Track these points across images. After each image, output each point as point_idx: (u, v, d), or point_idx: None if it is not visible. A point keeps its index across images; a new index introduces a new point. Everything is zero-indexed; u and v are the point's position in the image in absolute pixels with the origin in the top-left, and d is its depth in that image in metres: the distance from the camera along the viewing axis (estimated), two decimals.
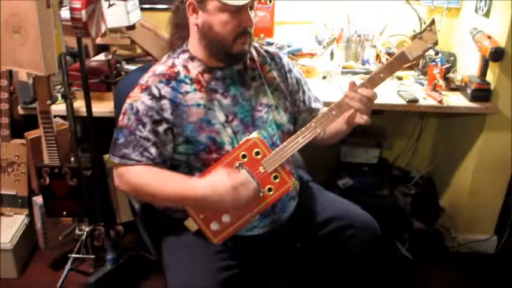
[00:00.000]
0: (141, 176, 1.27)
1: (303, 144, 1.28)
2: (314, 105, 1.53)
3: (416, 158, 2.68)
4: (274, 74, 1.42)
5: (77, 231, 2.05)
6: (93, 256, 2.06)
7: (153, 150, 1.27)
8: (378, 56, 2.36)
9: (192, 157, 1.31)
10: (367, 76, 1.27)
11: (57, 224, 2.22)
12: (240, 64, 1.35)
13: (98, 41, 2.13)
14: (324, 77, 2.24)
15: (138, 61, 2.24)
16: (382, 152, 2.49)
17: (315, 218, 1.48)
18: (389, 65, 1.25)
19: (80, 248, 2.03)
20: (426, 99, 2.02)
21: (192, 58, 1.32)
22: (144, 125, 1.26)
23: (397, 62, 1.25)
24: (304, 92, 1.50)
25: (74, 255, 2.02)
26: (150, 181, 1.27)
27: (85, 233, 2.01)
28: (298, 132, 1.28)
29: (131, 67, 2.11)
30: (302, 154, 1.79)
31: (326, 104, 1.50)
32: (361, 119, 1.28)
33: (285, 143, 1.28)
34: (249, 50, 1.32)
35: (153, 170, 1.28)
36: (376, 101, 1.31)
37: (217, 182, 1.21)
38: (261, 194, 1.29)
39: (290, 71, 1.47)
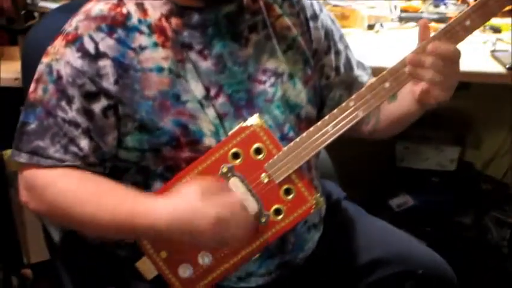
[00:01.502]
0: (63, 187, 1.27)
1: (335, 137, 1.27)
2: (356, 74, 1.53)
3: None
4: (288, 21, 1.42)
5: None
6: None
7: (84, 143, 1.27)
8: None
9: (149, 155, 1.31)
10: (443, 26, 1.27)
11: None
12: (231, 3, 1.35)
13: None
14: (371, 27, 2.25)
15: None
16: (464, 152, 2.51)
17: (352, 260, 1.50)
18: (481, 5, 1.24)
19: None
20: None
21: None
22: (69, 101, 1.26)
23: (494, 1, 1.24)
24: (338, 53, 1.50)
25: None
26: (78, 196, 1.27)
27: None
28: (326, 118, 1.27)
29: (50, 5, 2.12)
30: (332, 156, 1.81)
31: (375, 72, 1.49)
32: (436, 96, 1.26)
33: (304, 135, 1.28)
34: None
35: (83, 176, 1.28)
36: None
37: (191, 208, 1.21)
38: (263, 220, 1.29)
39: (315, 16, 1.46)
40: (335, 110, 1.27)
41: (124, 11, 1.29)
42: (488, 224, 2.51)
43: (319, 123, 1.27)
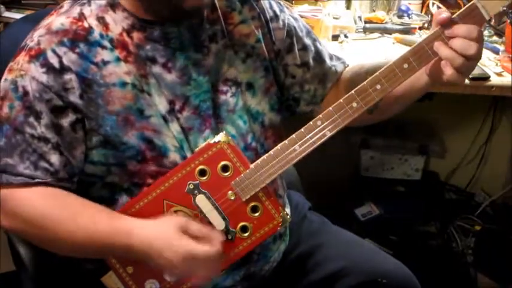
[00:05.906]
0: (38, 206, 1.26)
1: (302, 156, 1.28)
2: (329, 65, 1.52)
3: (484, 173, 2.73)
4: (248, 28, 1.43)
5: None
6: None
7: (54, 158, 1.27)
8: (424, 4, 2.39)
9: (115, 169, 1.32)
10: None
11: None
12: (192, 18, 1.35)
13: None
14: (335, 37, 2.26)
15: (25, 5, 2.24)
16: (429, 162, 2.53)
17: (317, 270, 1.51)
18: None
19: None
20: (502, 75, 2.05)
21: (113, 6, 1.31)
22: (37, 117, 1.25)
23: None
24: (305, 48, 1.50)
25: None
26: (55, 214, 1.26)
27: None
28: (293, 136, 1.27)
29: (14, 15, 2.11)
30: (297, 166, 1.79)
31: None
32: (452, 74, 1.22)
33: (271, 153, 1.28)
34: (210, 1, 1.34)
35: (57, 194, 1.27)
36: None
37: (167, 239, 1.22)
38: (229, 237, 1.30)
39: (276, 17, 1.47)
40: (302, 129, 1.27)
41: (85, 25, 1.28)
42: (453, 232, 2.53)
43: (286, 141, 1.27)
